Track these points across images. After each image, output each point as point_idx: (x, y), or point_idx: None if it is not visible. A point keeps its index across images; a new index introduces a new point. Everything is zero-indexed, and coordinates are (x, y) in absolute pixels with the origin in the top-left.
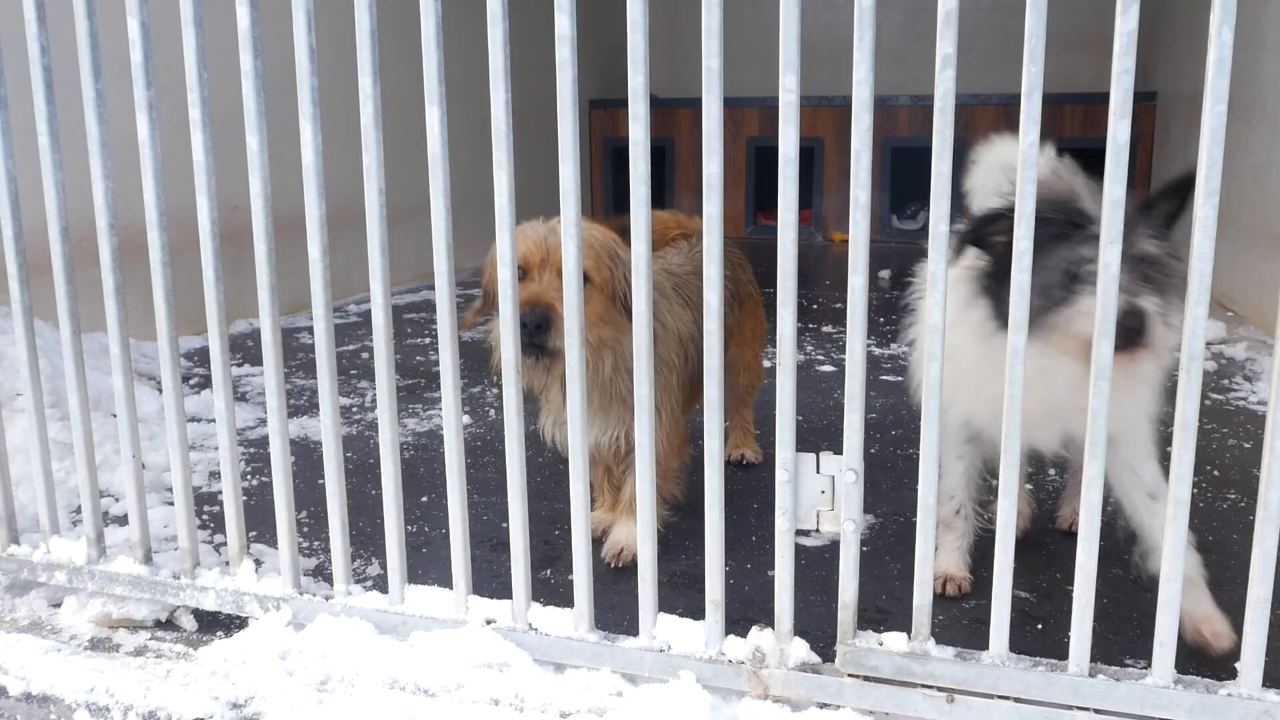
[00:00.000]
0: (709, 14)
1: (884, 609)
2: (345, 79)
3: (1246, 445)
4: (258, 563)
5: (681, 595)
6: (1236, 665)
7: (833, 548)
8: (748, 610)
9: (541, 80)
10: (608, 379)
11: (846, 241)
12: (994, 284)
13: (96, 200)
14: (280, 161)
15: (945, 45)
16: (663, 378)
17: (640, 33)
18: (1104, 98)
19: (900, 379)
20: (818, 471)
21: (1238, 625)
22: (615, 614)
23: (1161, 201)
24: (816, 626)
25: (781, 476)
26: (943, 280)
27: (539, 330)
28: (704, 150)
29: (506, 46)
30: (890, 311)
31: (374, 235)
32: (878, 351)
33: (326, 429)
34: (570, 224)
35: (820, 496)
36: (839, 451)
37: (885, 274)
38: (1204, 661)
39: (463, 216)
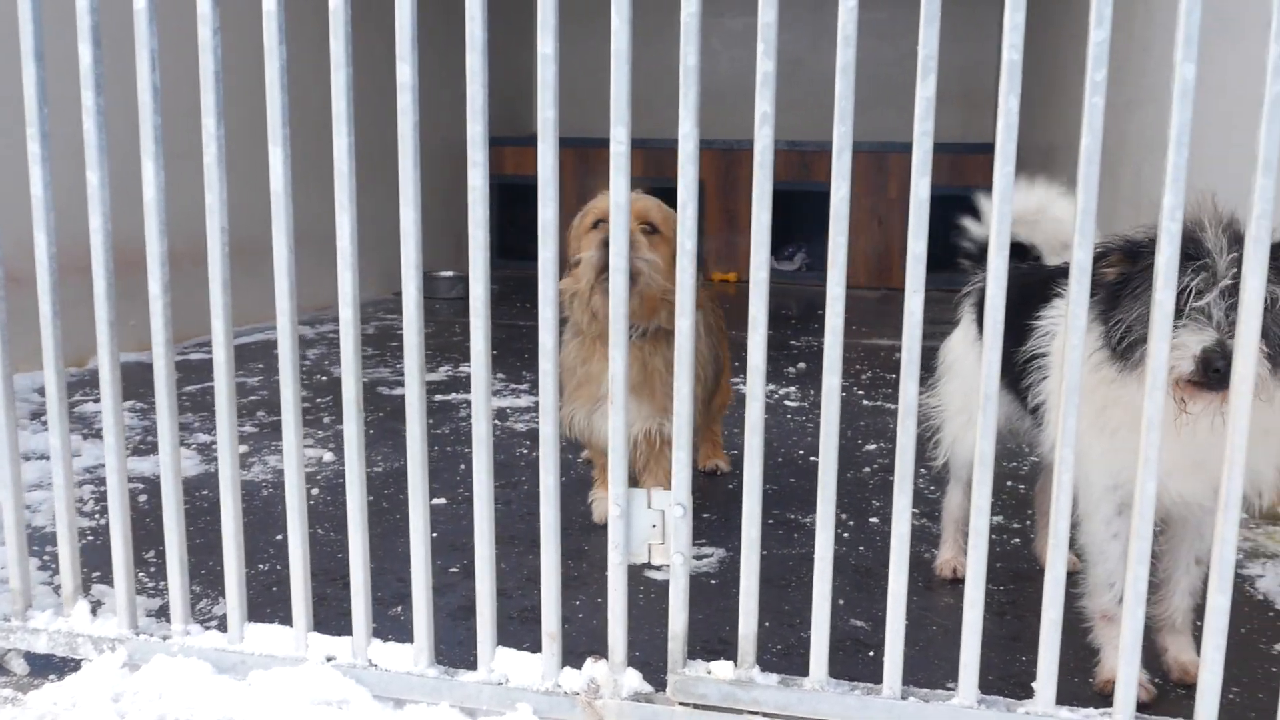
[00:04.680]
0: (544, 68)
1: (726, 639)
2: (251, 114)
3: None
4: (98, 604)
5: (532, 630)
6: (1034, 685)
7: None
8: (594, 644)
9: (423, 117)
10: (648, 352)
11: (727, 281)
12: (1105, 310)
13: None
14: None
15: (763, 104)
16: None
17: (479, 84)
18: (970, 148)
19: (767, 417)
20: (649, 507)
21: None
22: (463, 649)
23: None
24: (659, 657)
25: (614, 511)
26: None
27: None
28: (540, 197)
29: (350, 91)
30: (770, 350)
31: (215, 273)
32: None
33: (165, 465)
34: (410, 266)
35: (652, 531)
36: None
37: None
38: (1014, 681)
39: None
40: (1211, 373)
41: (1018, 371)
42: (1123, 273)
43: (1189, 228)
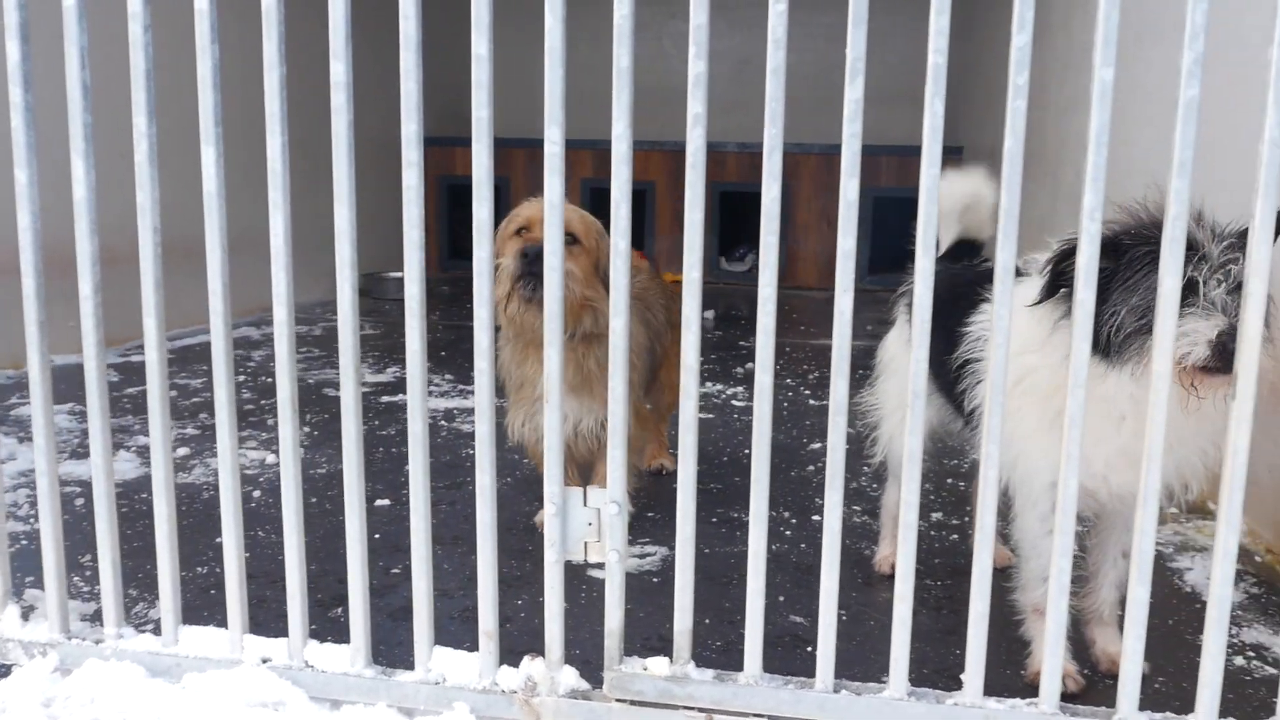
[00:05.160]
0: (478, 68)
1: (667, 636)
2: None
3: None
4: (30, 609)
5: (473, 630)
6: (962, 676)
7: (629, 577)
8: (537, 643)
9: (376, 115)
10: (581, 354)
11: (679, 282)
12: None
13: None
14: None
15: (695, 105)
16: (632, 359)
17: (414, 82)
18: (918, 150)
19: (712, 416)
20: (585, 504)
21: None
22: (404, 649)
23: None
24: (601, 655)
25: (549, 510)
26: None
27: (536, 260)
28: (474, 197)
29: (283, 91)
30: (711, 351)
31: (148, 272)
32: None
33: (97, 467)
34: (344, 266)
35: (587, 529)
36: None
37: (709, 314)
38: (948, 674)
39: (300, 250)
40: (1226, 356)
41: (953, 376)
42: (1104, 267)
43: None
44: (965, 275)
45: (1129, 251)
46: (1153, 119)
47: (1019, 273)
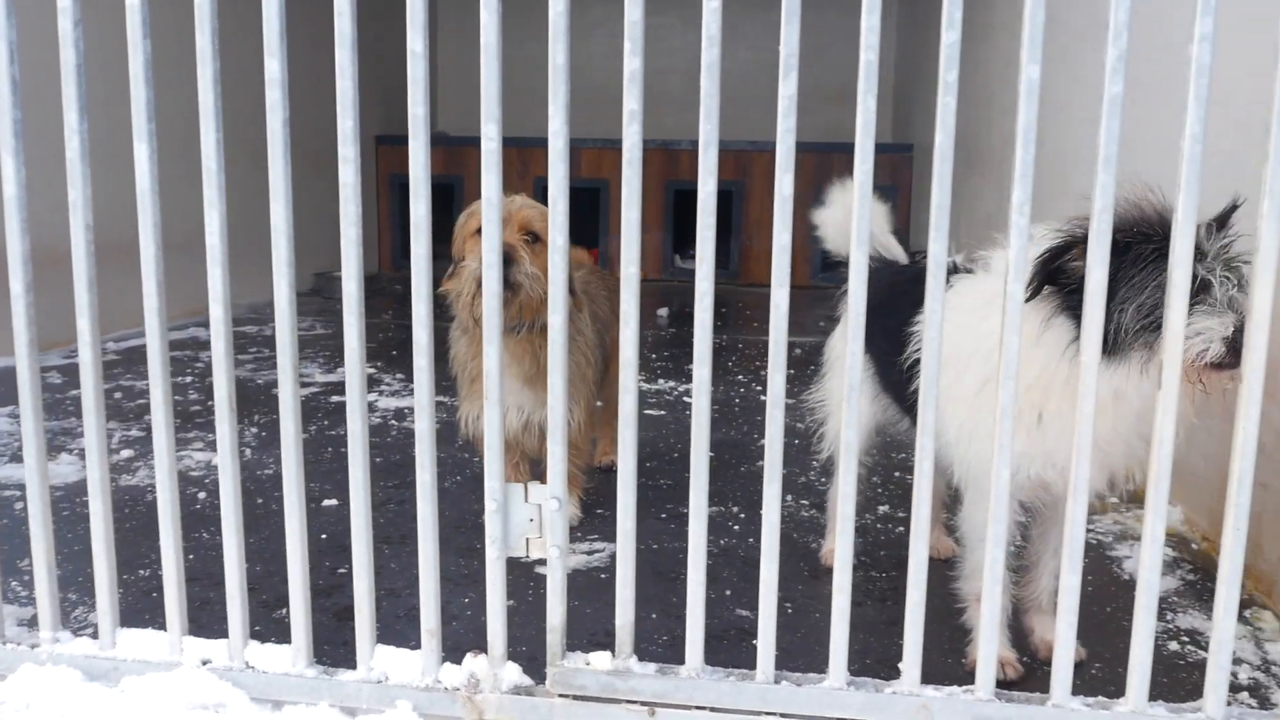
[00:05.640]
0: (413, 64)
1: (613, 631)
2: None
3: None
4: None
5: (420, 628)
6: (900, 665)
7: (578, 574)
8: (484, 640)
9: (329, 113)
10: (538, 346)
11: None
12: (1076, 303)
13: None
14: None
15: (631, 102)
16: (580, 370)
17: (349, 79)
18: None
19: (664, 412)
20: (526, 500)
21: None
22: (349, 649)
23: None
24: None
25: (490, 506)
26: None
27: (505, 264)
28: (411, 195)
29: (217, 86)
30: (665, 348)
31: (80, 271)
32: (645, 386)
33: (30, 470)
34: (281, 264)
35: (529, 525)
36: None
37: (663, 312)
38: (891, 665)
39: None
40: (1238, 353)
41: (905, 376)
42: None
43: (1165, 219)
44: (908, 273)
45: (1134, 249)
46: (1096, 117)
47: (965, 270)
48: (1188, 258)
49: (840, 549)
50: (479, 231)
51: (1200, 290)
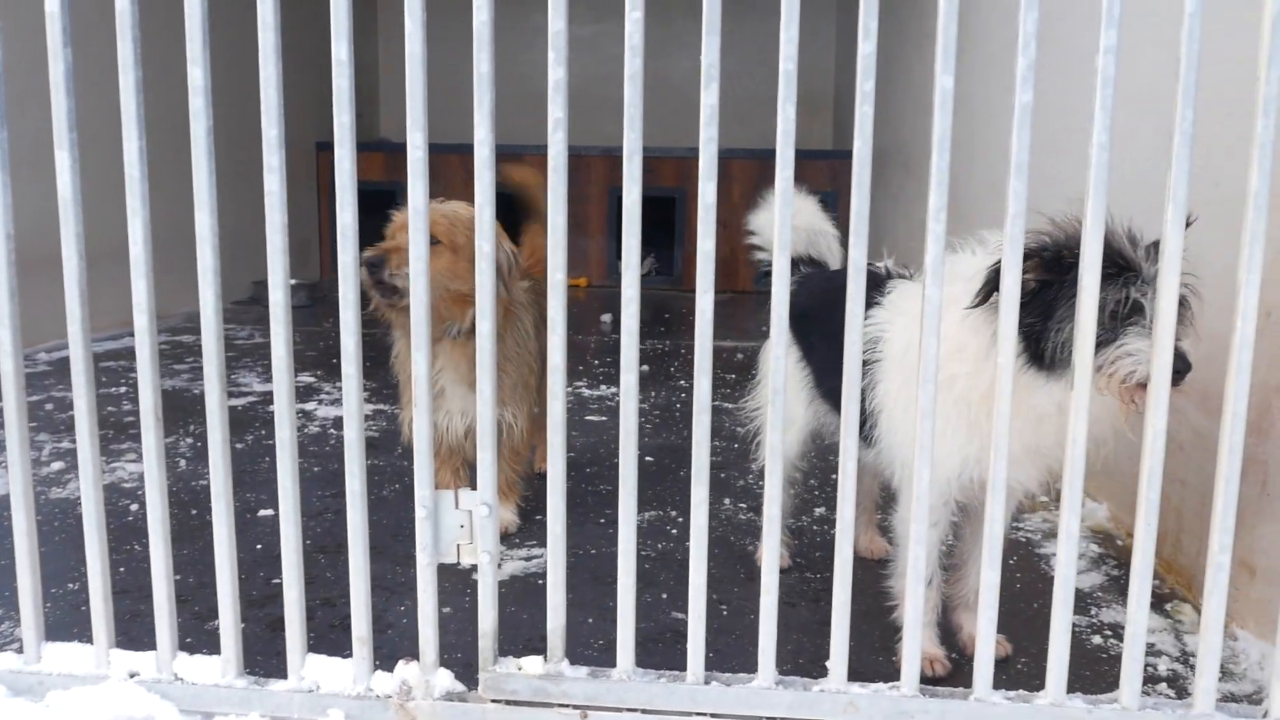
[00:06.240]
0: (338, 73)
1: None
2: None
3: None
4: None
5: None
6: (827, 664)
7: (516, 580)
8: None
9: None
10: (475, 349)
11: (577, 285)
12: (1024, 316)
13: None
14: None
15: (555, 110)
16: (523, 377)
17: (273, 89)
18: (809, 154)
19: (605, 419)
20: (457, 507)
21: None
22: (282, 659)
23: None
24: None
25: (420, 513)
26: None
27: (376, 267)
28: (338, 202)
29: (139, 94)
30: (609, 354)
31: (1, 280)
32: (587, 392)
33: None
34: (208, 271)
35: (460, 531)
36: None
37: (607, 318)
38: (824, 665)
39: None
40: (1175, 376)
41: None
42: (1042, 280)
43: (1115, 240)
44: (843, 278)
45: (1073, 269)
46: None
47: (900, 275)
48: (1096, 263)
49: (767, 550)
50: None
51: (1134, 312)
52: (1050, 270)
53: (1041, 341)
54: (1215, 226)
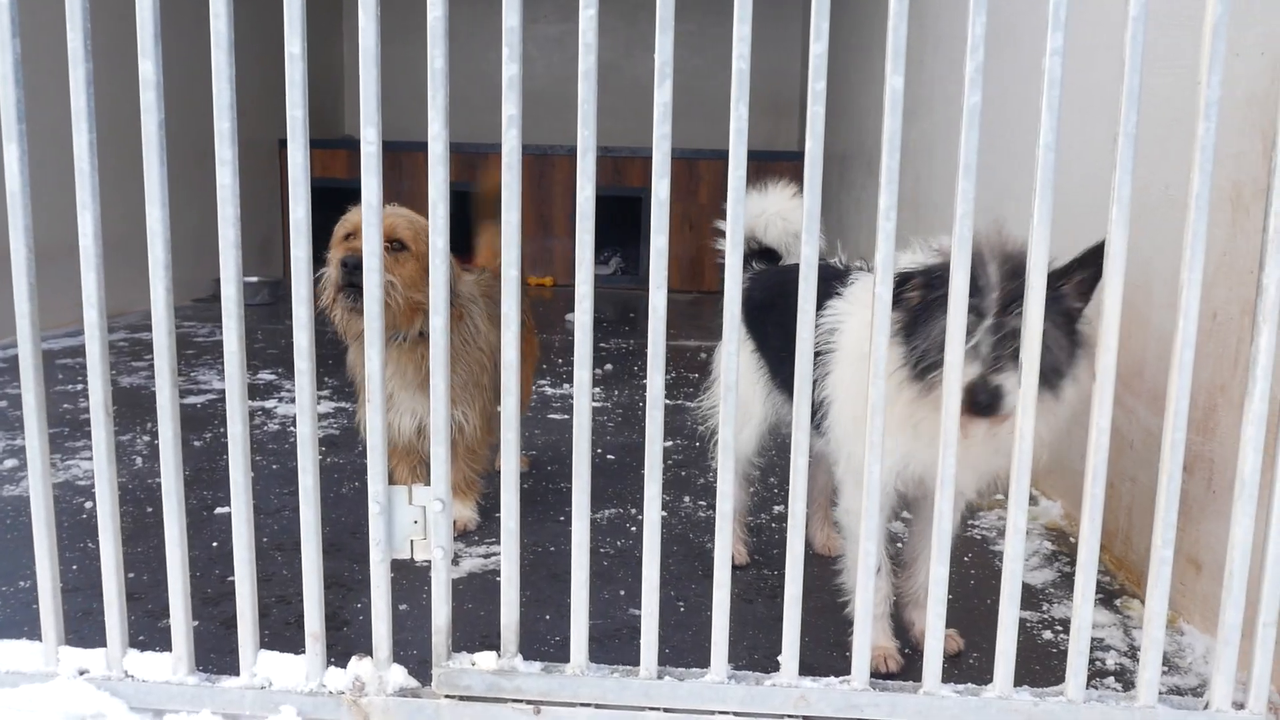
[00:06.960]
0: (291, 67)
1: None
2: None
3: None
4: None
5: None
6: (779, 659)
7: (474, 577)
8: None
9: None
10: (421, 354)
11: (543, 285)
12: (905, 333)
13: None
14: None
15: (509, 108)
16: (474, 375)
17: (225, 80)
18: (775, 155)
19: (568, 416)
20: (410, 503)
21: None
22: (235, 657)
23: (1077, 270)
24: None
25: (374, 509)
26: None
27: (355, 270)
28: (290, 196)
29: (90, 87)
30: (572, 351)
31: None
32: (550, 391)
33: None
34: (159, 265)
35: (414, 526)
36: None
37: (572, 316)
38: (771, 657)
39: (115, 256)
40: (974, 404)
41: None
42: (923, 298)
43: (976, 260)
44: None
45: (938, 289)
46: (993, 124)
47: (860, 270)
48: (1041, 264)
49: (720, 547)
50: (348, 237)
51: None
52: (930, 289)
53: (919, 361)
54: (1166, 229)
